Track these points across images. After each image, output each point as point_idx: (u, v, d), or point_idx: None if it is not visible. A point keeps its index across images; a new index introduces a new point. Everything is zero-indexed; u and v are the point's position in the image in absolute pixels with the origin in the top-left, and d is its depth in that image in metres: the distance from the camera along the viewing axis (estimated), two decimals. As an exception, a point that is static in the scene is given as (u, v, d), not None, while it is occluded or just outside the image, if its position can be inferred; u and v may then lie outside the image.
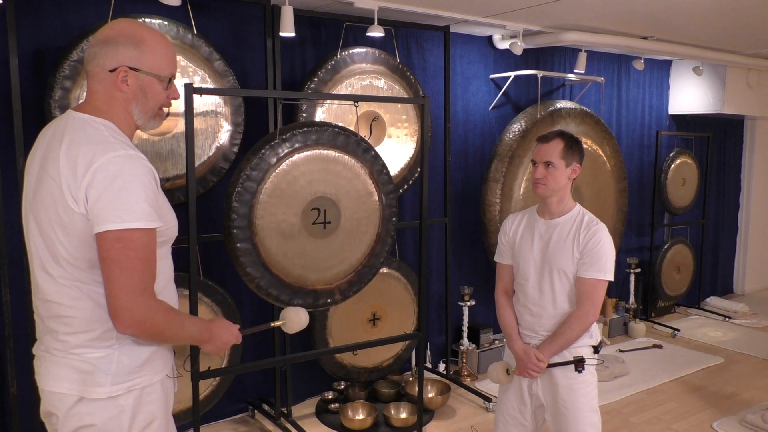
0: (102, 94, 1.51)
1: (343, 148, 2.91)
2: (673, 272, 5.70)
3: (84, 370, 1.47)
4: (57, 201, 1.41)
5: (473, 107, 4.44)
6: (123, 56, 1.49)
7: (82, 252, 1.43)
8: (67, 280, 1.46)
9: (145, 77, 1.52)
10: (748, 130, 6.61)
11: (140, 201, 1.40)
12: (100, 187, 1.38)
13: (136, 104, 1.53)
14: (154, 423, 1.56)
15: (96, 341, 1.48)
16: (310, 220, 2.86)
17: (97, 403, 1.48)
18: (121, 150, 1.42)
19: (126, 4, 2.99)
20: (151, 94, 1.54)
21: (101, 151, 1.40)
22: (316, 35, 3.67)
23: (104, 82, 1.50)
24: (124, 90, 1.51)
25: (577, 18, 3.89)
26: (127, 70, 1.49)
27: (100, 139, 1.43)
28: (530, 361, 2.27)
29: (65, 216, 1.41)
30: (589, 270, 2.24)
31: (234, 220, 2.66)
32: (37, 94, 2.86)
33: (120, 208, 1.38)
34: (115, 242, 1.38)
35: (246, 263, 2.72)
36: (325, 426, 3.56)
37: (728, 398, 3.99)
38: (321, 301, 2.99)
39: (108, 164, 1.39)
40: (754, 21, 3.93)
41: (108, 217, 1.38)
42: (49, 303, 1.50)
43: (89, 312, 1.46)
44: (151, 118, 1.58)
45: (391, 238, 3.13)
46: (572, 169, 2.30)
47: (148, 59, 1.51)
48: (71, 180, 1.39)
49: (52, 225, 1.44)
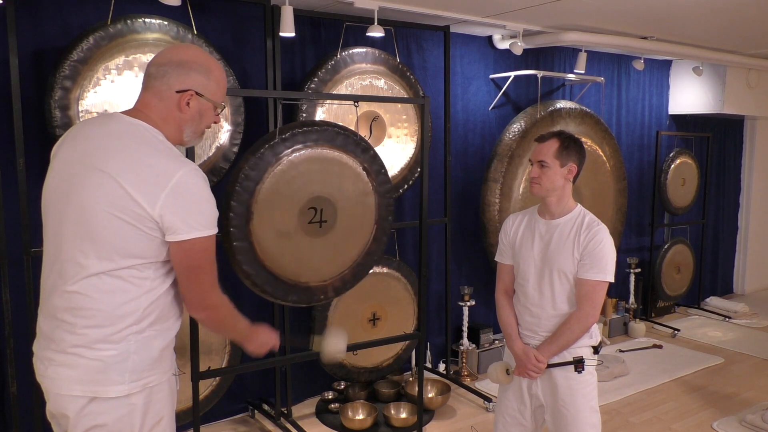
0: (160, 109, 1.61)
1: (342, 148, 2.91)
2: (673, 272, 5.70)
3: (97, 369, 1.50)
4: (115, 197, 1.48)
5: (473, 107, 4.44)
6: (193, 81, 1.61)
7: (140, 249, 1.51)
8: (105, 272, 1.50)
9: (205, 103, 1.65)
10: (748, 130, 6.61)
11: (214, 209, 1.59)
12: (185, 197, 1.51)
13: (191, 125, 1.66)
14: (162, 421, 1.61)
15: (114, 336, 1.51)
16: (306, 220, 2.86)
17: (110, 402, 1.51)
18: (191, 164, 1.56)
19: (126, 4, 2.99)
20: (205, 118, 1.68)
21: (177, 165, 1.53)
22: (316, 35, 3.67)
23: (167, 100, 1.60)
24: (185, 111, 1.62)
25: (577, 18, 3.89)
26: (193, 95, 1.61)
27: (170, 151, 1.57)
28: (530, 362, 2.27)
29: (133, 214, 1.48)
30: (590, 271, 2.23)
31: (231, 219, 2.67)
32: (37, 94, 2.86)
33: (202, 218, 1.54)
34: (201, 251, 1.56)
35: (242, 261, 2.73)
36: (325, 426, 3.57)
37: (728, 398, 3.99)
38: (314, 297, 3.00)
39: (188, 177, 1.52)
40: (754, 21, 3.93)
41: (194, 226, 1.53)
42: (71, 294, 1.51)
43: (116, 306, 1.51)
44: (198, 137, 1.73)
45: (386, 237, 3.13)
46: (568, 170, 2.28)
47: (212, 88, 1.65)
48: (148, 187, 1.48)
49: (109, 219, 1.48)
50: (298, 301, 2.94)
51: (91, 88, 2.80)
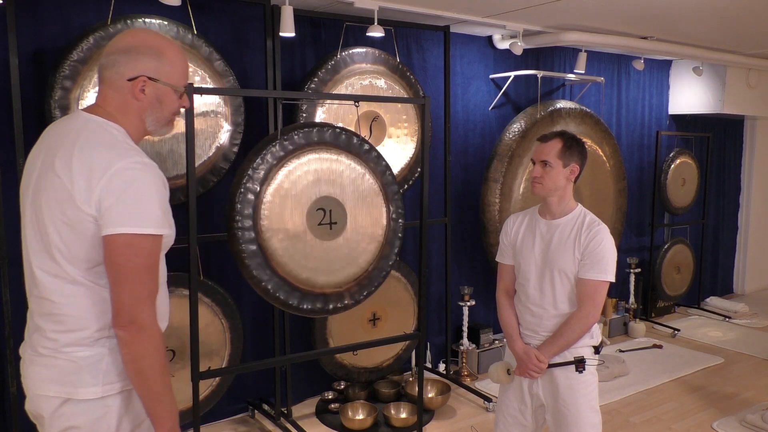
0: (117, 101, 1.53)
1: (346, 149, 2.91)
2: (673, 272, 5.70)
3: (71, 371, 1.47)
4: (63, 199, 1.42)
5: (473, 107, 4.44)
6: (143, 66, 1.52)
7: (85, 252, 1.44)
8: (63, 277, 1.46)
9: (162, 87, 1.55)
10: (748, 130, 6.61)
11: (154, 207, 1.43)
12: (117, 191, 1.39)
13: (151, 113, 1.56)
14: (142, 425, 1.55)
15: (87, 339, 1.47)
16: (315, 221, 2.85)
17: (84, 404, 1.47)
18: (137, 157, 1.45)
19: (126, 4, 2.99)
20: (165, 104, 1.58)
21: (118, 156, 1.42)
22: (316, 35, 3.67)
23: (121, 89, 1.52)
24: (141, 99, 1.53)
25: (577, 18, 3.89)
26: (146, 80, 1.52)
27: (115, 144, 1.46)
28: (531, 362, 2.27)
29: (72, 215, 1.41)
30: (591, 271, 2.23)
31: (237, 221, 2.66)
32: (37, 94, 2.86)
33: (134, 213, 1.41)
34: (124, 247, 1.41)
35: (252, 266, 2.71)
36: (325, 426, 3.56)
37: (728, 398, 3.99)
38: (331, 305, 2.95)
39: (125, 169, 1.41)
40: (754, 21, 3.93)
41: (121, 221, 1.40)
42: (42, 300, 1.49)
43: (83, 310, 1.46)
44: (164, 125, 1.62)
45: (398, 239, 3.12)
46: (570, 170, 2.29)
47: (166, 70, 1.55)
48: (84, 181, 1.40)
49: (54, 222, 1.44)
50: (314, 309, 2.87)
51: (91, 88, 2.80)
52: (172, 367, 3.08)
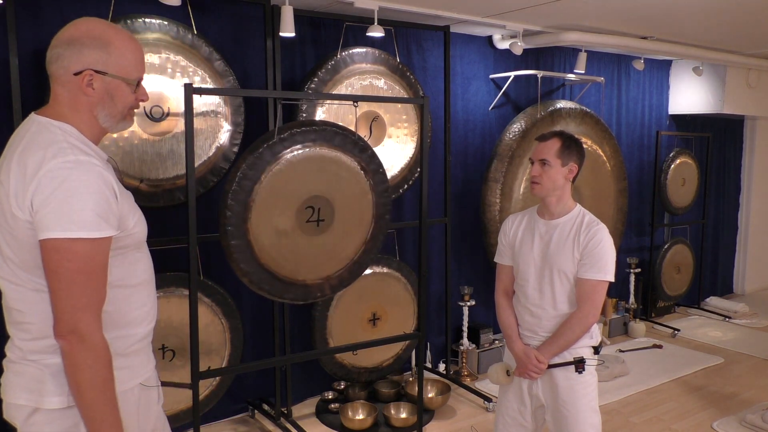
0: (65, 98, 1.44)
1: (340, 148, 2.91)
2: (673, 272, 5.70)
3: (38, 379, 1.42)
4: (5, 208, 1.36)
5: (473, 107, 4.44)
6: (88, 59, 1.42)
7: (32, 259, 1.37)
8: (24, 285, 1.41)
9: (112, 80, 1.45)
10: (748, 130, 6.61)
11: (86, 209, 1.32)
12: (45, 193, 1.31)
13: (102, 108, 1.46)
14: None
15: (51, 347, 1.41)
16: (304, 218, 2.86)
17: (52, 413, 1.42)
18: (71, 155, 1.34)
19: (126, 4, 2.99)
20: (118, 98, 1.47)
21: (51, 155, 1.33)
22: (316, 35, 3.67)
23: (68, 85, 1.43)
24: (90, 94, 1.44)
25: (577, 18, 3.89)
26: (92, 74, 1.42)
27: (52, 143, 1.36)
28: (530, 362, 2.27)
29: (13, 223, 1.36)
30: (590, 271, 2.23)
31: (229, 218, 2.67)
32: (37, 94, 2.86)
33: (63, 217, 1.30)
34: (54, 252, 1.32)
35: (239, 259, 2.74)
36: (325, 426, 3.56)
37: (728, 398, 3.99)
38: (311, 294, 3.01)
39: (55, 170, 1.32)
40: (754, 21, 3.93)
41: (49, 225, 1.31)
42: (9, 309, 1.45)
43: (45, 319, 1.39)
44: (119, 121, 1.52)
45: (383, 235, 3.13)
46: (569, 169, 2.29)
47: (115, 62, 1.44)
48: (19, 186, 1.33)
49: (2, 232, 1.39)
50: (295, 298, 2.95)
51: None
52: (172, 367, 3.08)
